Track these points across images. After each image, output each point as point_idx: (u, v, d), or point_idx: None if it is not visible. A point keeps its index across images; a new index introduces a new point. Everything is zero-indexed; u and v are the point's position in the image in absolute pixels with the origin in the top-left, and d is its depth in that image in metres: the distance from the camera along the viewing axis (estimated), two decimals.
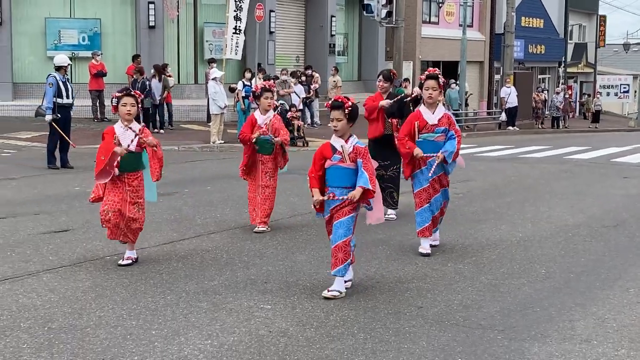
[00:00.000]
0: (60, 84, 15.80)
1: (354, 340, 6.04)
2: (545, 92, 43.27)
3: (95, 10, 27.66)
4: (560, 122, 40.10)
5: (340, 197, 7.03)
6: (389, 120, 10.89)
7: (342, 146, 7.07)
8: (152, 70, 24.13)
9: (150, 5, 27.46)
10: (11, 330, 6.08)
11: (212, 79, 21.83)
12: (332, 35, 34.12)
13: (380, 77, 11.02)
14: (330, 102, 7.12)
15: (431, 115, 8.84)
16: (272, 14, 30.83)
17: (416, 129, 8.78)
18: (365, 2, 27.63)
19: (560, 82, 49.35)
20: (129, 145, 7.95)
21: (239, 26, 25.20)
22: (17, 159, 17.67)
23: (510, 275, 8.16)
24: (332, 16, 34.06)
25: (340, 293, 7.10)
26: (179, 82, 28.25)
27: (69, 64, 16.17)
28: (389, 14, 27.29)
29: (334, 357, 5.69)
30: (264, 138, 9.87)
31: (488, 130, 33.19)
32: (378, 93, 11.02)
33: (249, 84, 23.00)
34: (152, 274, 7.88)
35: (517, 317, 6.73)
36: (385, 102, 10.78)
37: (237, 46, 25.19)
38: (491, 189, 14.57)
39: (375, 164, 7.42)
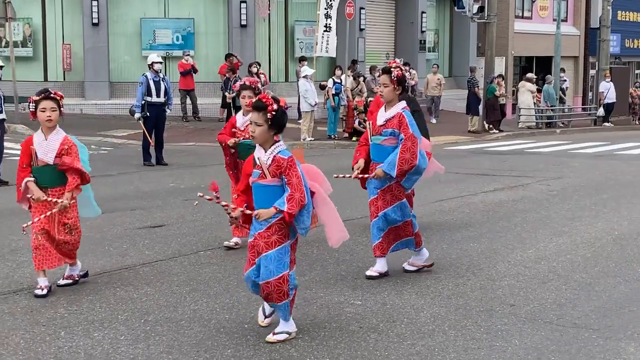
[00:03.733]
0: (151, 82, 16.13)
1: (444, 337, 6.01)
2: None
3: (188, 10, 28.17)
4: None
5: (254, 213, 5.73)
6: None
7: (259, 159, 5.78)
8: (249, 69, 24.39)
9: (242, 4, 27.81)
10: (109, 322, 6.26)
11: (303, 77, 21.96)
12: (422, 32, 33.88)
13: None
14: (253, 101, 5.84)
15: (383, 114, 7.61)
16: (362, 11, 30.81)
17: (369, 131, 7.70)
18: None
19: None
20: (42, 196, 6.89)
21: (330, 24, 25.27)
22: (114, 156, 18.16)
23: (606, 273, 7.97)
24: (422, 12, 33.83)
25: (289, 334, 5.86)
26: (269, 80, 28.51)
27: (156, 62, 16.46)
28: (481, 9, 26.92)
29: (424, 353, 5.67)
30: (244, 142, 8.64)
31: (583, 127, 32.43)
32: (378, 96, 9.37)
33: (339, 81, 23.07)
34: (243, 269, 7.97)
35: (613, 316, 6.57)
36: None
37: (328, 44, 25.26)
38: (586, 186, 14.24)
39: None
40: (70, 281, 7.25)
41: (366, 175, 7.61)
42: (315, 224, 6.07)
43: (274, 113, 5.62)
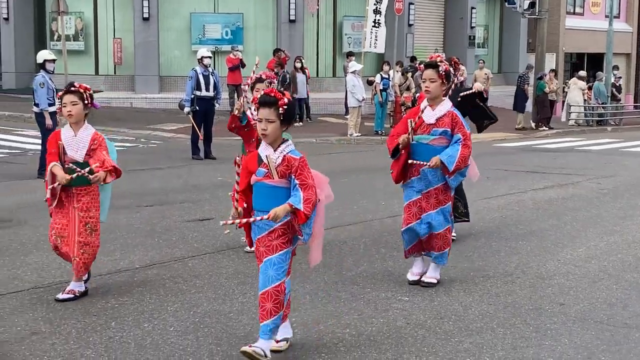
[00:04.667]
0: (200, 77, 16.27)
1: (493, 335, 5.97)
2: None
3: (237, 5, 28.33)
4: None
5: (259, 218, 5.21)
6: None
7: (267, 157, 5.28)
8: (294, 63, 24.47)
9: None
10: (159, 313, 6.33)
11: (351, 72, 21.94)
12: (472, 27, 33.64)
13: None
14: (258, 97, 5.33)
15: (430, 112, 7.12)
16: (412, 6, 30.69)
17: (411, 129, 7.04)
18: None
19: None
20: (74, 172, 6.56)
21: (378, 19, 25.21)
22: (163, 150, 18.34)
23: None
24: (472, 8, 33.57)
25: (266, 357, 5.14)
26: (317, 75, 28.57)
27: (206, 57, 16.58)
28: (532, 4, 26.62)
29: (472, 351, 5.64)
30: None
31: (635, 125, 31.89)
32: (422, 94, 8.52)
33: (387, 76, 23.01)
34: (294, 263, 8.00)
35: None
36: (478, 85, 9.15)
37: (376, 39, 25.21)
38: (638, 184, 14.01)
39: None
40: (70, 295, 6.64)
41: (418, 162, 7.01)
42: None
43: (285, 107, 5.19)
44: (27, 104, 16.78)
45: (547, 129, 26.09)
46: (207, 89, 16.35)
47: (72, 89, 6.71)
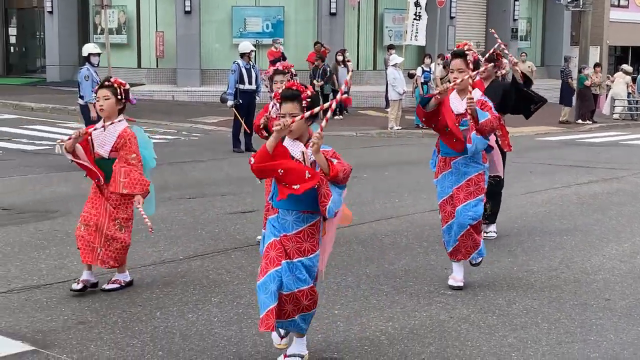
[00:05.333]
0: (243, 70, 16.36)
1: (537, 330, 5.92)
2: None
3: None
4: None
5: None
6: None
7: (303, 152, 4.92)
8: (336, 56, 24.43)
9: None
10: (203, 304, 6.38)
11: (392, 65, 21.86)
12: (514, 20, 33.32)
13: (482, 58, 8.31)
14: (280, 91, 5.09)
15: (459, 103, 6.83)
16: None
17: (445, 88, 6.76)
18: None
19: None
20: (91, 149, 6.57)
21: (419, 12, 25.09)
22: (204, 142, 18.45)
23: None
24: (515, 0, 33.27)
25: (302, 357, 5.18)
26: (357, 68, 28.49)
27: (252, 51, 16.67)
28: None
29: (517, 345, 5.60)
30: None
31: None
32: (479, 80, 8.06)
33: (428, 69, 22.89)
34: (333, 255, 8.00)
35: None
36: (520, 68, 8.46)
37: (417, 32, 25.09)
38: None
39: None
40: (116, 285, 6.71)
41: (453, 85, 6.65)
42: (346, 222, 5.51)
43: (309, 100, 4.91)
44: (71, 97, 17.00)
45: (590, 122, 25.77)
46: (250, 82, 16.44)
47: (107, 83, 6.64)
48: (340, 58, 23.97)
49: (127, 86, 6.75)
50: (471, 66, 6.75)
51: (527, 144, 18.86)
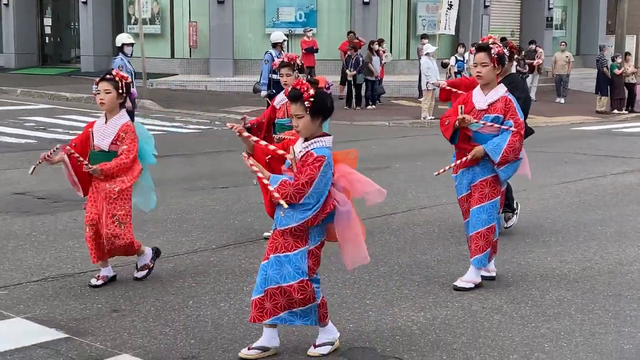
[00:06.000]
0: (276, 60, 16.32)
1: (570, 321, 5.88)
2: None
3: None
4: None
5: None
6: None
7: (292, 147, 5.08)
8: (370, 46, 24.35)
9: None
10: (235, 293, 6.41)
11: (425, 55, 21.76)
12: (549, 8, 32.95)
13: None
14: (289, 89, 5.11)
15: (482, 98, 6.63)
16: None
17: (461, 113, 6.53)
18: None
19: None
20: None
21: (452, 1, 24.92)
22: None
23: None
24: None
25: (332, 344, 5.23)
26: (391, 57, 28.38)
27: (284, 41, 16.64)
28: None
29: (550, 336, 5.56)
30: (280, 122, 8.20)
31: None
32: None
33: (461, 59, 22.75)
34: (367, 246, 8.00)
35: None
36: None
37: (451, 21, 24.94)
38: None
39: None
40: (146, 271, 6.75)
41: (460, 161, 6.64)
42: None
43: (312, 100, 4.89)
44: None
45: (626, 112, 25.44)
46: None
47: (108, 76, 6.52)
48: (375, 47, 23.87)
49: (129, 79, 6.68)
50: (495, 60, 6.52)
51: (562, 134, 18.69)
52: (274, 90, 16.27)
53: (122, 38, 14.50)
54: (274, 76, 16.28)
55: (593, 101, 25.36)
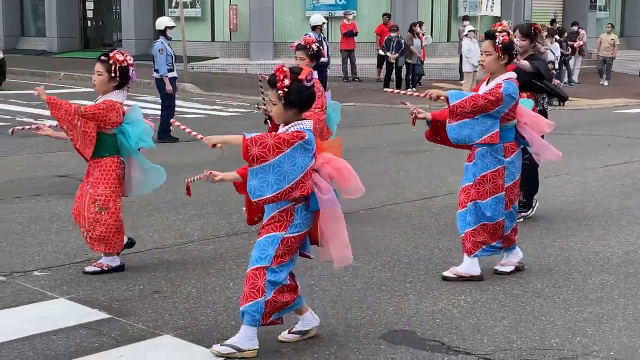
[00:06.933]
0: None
1: (613, 305, 5.81)
2: None
3: None
4: None
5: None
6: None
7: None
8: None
9: None
10: None
11: (465, 36, 21.57)
12: None
13: (517, 32, 7.87)
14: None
15: (484, 87, 6.36)
16: None
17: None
18: None
19: None
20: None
21: None
22: None
23: None
24: None
25: (241, 351, 4.87)
26: (431, 40, 28.17)
27: (324, 23, 16.62)
28: None
29: (592, 320, 5.51)
30: None
31: None
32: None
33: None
34: (405, 228, 8.00)
35: None
36: (524, 63, 7.60)
37: (493, 2, 24.66)
38: None
39: None
40: (97, 269, 6.43)
41: (412, 92, 6.78)
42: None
43: (285, 90, 4.72)
44: (145, 70, 17.23)
45: None
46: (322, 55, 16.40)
47: (103, 58, 6.30)
48: (416, 30, 23.70)
49: (127, 62, 6.32)
50: (500, 49, 6.18)
51: (605, 117, 18.42)
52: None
53: (165, 21, 14.57)
54: None
55: (637, 84, 24.99)
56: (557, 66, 24.22)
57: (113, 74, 6.26)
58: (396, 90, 6.78)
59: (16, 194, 9.35)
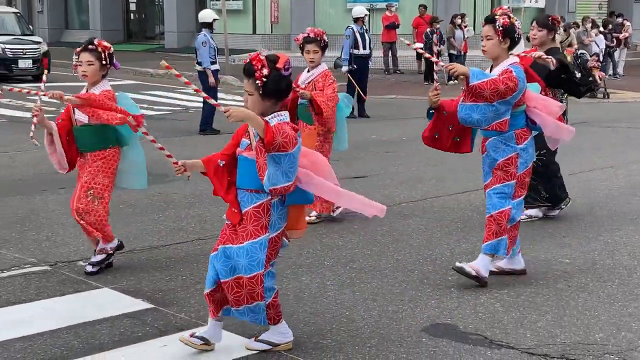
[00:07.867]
0: (358, 35, 16.30)
1: None
2: None
3: None
4: None
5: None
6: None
7: (250, 129, 4.65)
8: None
9: None
10: (316, 267, 6.45)
11: None
12: None
13: (534, 23, 7.98)
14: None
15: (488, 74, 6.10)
16: None
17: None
18: None
19: None
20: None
21: None
22: None
23: None
24: None
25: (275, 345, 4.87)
26: (474, 32, 27.95)
27: (366, 15, 16.57)
28: None
29: (637, 315, 5.43)
30: (302, 102, 7.80)
31: None
32: (529, 50, 7.57)
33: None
34: (447, 222, 7.96)
35: None
36: (539, 54, 7.19)
37: None
38: None
39: None
40: (103, 256, 6.32)
41: (434, 59, 6.51)
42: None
43: (264, 79, 4.47)
44: (188, 63, 17.35)
45: None
46: (364, 47, 16.38)
47: (90, 47, 6.12)
48: (458, 22, 23.53)
49: (112, 49, 6.26)
50: (500, 32, 5.96)
51: (637, 111, 18.16)
52: (354, 66, 16.24)
53: (210, 14, 14.64)
54: (355, 51, 16.26)
55: None
56: (601, 58, 23.91)
57: (104, 62, 6.14)
58: (433, 58, 6.56)
59: (60, 185, 9.45)
